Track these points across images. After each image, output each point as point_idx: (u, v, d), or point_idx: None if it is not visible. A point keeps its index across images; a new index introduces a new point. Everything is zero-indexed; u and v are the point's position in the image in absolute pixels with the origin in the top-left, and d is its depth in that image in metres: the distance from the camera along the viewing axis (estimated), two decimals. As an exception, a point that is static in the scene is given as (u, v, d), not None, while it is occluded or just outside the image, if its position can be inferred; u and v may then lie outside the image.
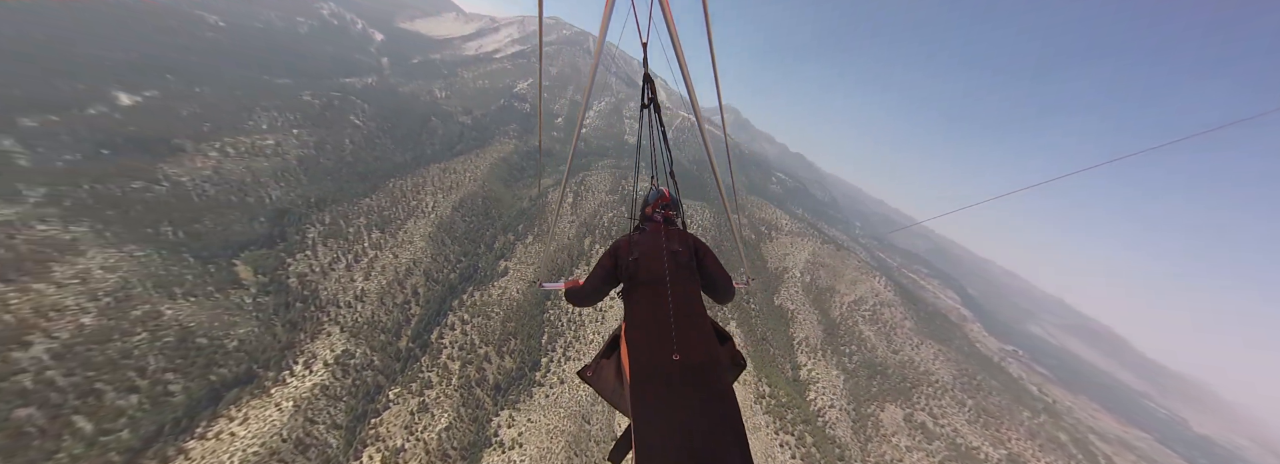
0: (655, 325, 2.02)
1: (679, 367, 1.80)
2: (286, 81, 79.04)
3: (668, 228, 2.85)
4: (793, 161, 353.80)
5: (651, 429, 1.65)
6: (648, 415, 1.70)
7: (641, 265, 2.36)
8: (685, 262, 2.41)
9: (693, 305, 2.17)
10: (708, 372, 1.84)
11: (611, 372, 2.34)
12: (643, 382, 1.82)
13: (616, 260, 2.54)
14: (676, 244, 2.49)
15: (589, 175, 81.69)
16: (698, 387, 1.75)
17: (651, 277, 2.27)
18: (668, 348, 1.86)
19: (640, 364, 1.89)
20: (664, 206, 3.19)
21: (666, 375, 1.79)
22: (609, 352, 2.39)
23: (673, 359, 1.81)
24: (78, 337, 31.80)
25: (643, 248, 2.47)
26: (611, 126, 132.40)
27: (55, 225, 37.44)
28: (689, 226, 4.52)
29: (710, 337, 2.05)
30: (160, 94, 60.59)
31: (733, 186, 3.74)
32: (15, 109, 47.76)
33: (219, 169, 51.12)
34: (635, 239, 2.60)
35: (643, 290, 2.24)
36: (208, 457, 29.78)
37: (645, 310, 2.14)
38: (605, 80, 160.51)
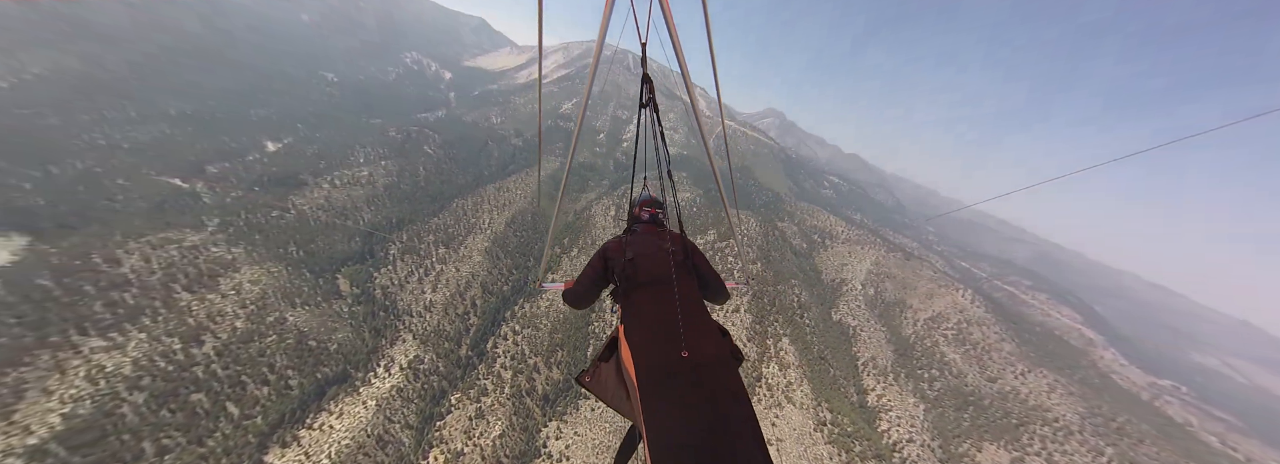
0: (661, 325, 1.96)
1: (689, 365, 1.75)
2: (378, 121, 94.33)
3: (660, 229, 2.85)
4: (848, 164, 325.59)
5: (665, 429, 1.59)
6: (660, 415, 1.63)
7: (639, 266, 2.34)
8: (681, 261, 2.43)
9: (696, 303, 2.16)
10: (717, 365, 1.79)
11: (612, 375, 2.26)
12: (653, 382, 1.75)
13: (607, 262, 2.51)
14: (671, 244, 2.50)
15: (627, 185, 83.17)
16: (711, 384, 1.70)
17: (653, 277, 2.26)
18: (676, 346, 1.81)
19: (648, 364, 1.82)
20: (651, 206, 3.16)
21: (677, 374, 1.73)
22: (607, 355, 2.33)
23: (682, 357, 1.76)
24: (232, 337, 39.80)
25: (637, 249, 2.46)
26: (650, 137, 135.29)
27: (223, 248, 48.02)
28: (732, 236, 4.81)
29: (716, 333, 2.02)
30: (294, 140, 76.13)
31: (732, 186, 3.62)
32: (205, 160, 63.32)
33: (328, 198, 61.82)
34: (628, 240, 2.60)
35: (643, 290, 2.23)
36: (313, 445, 34.57)
37: (648, 310, 2.10)
38: None
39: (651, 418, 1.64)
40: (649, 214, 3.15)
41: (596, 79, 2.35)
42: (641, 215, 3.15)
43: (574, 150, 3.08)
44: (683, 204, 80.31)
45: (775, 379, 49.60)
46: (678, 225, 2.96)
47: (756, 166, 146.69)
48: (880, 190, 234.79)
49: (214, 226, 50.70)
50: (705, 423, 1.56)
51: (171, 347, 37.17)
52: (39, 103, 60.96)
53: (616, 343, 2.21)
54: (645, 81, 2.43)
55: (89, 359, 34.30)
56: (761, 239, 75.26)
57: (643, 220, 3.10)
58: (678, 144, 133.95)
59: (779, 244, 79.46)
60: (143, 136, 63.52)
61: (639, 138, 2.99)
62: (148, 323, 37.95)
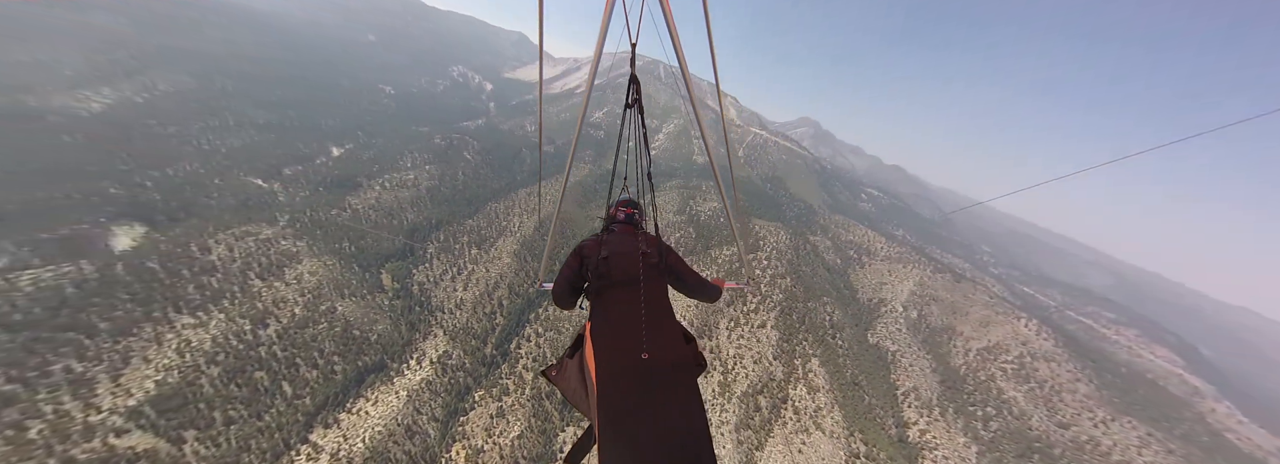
0: (625, 325, 1.96)
1: (648, 366, 1.75)
2: (425, 129, 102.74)
3: (636, 230, 2.85)
4: (888, 176, 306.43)
5: (617, 428, 1.59)
6: (614, 414, 1.63)
7: (613, 265, 2.33)
8: (654, 263, 2.42)
9: (662, 306, 2.14)
10: (678, 372, 1.79)
11: (575, 371, 2.24)
12: (611, 381, 1.75)
13: (582, 260, 2.51)
14: (646, 245, 2.50)
15: (657, 195, 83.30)
16: (667, 387, 1.71)
17: (625, 276, 2.24)
18: (637, 347, 1.81)
19: (608, 363, 1.82)
20: (627, 206, 3.16)
21: (635, 375, 1.73)
22: (574, 351, 2.31)
23: (642, 359, 1.76)
24: (291, 322, 44.24)
25: (613, 248, 2.46)
26: (680, 147, 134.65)
27: (290, 241, 53.95)
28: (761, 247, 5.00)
29: (679, 337, 2.01)
30: (353, 146, 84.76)
31: (733, 186, 3.58)
32: (282, 163, 72.04)
33: (379, 199, 67.75)
34: (604, 239, 2.59)
35: (614, 290, 2.22)
36: (350, 428, 37.16)
37: (615, 310, 2.11)
38: (674, 102, 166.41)
39: (606, 418, 1.63)
40: (624, 214, 3.14)
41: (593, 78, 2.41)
42: (618, 215, 3.15)
43: (574, 149, 3.11)
44: (708, 214, 79.13)
45: (803, 403, 46.57)
46: (654, 227, 2.97)
47: (788, 177, 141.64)
48: (926, 204, 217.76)
49: (284, 222, 57.25)
50: (656, 426, 1.56)
51: (243, 327, 42.02)
52: (162, 115, 73.01)
53: (582, 340, 2.19)
54: (633, 82, 2.44)
55: (180, 334, 39.60)
56: (792, 253, 72.08)
57: (619, 220, 3.08)
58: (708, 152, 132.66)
59: (810, 258, 75.71)
60: (236, 143, 73.69)
61: (621, 138, 2.96)
62: (227, 305, 43.27)
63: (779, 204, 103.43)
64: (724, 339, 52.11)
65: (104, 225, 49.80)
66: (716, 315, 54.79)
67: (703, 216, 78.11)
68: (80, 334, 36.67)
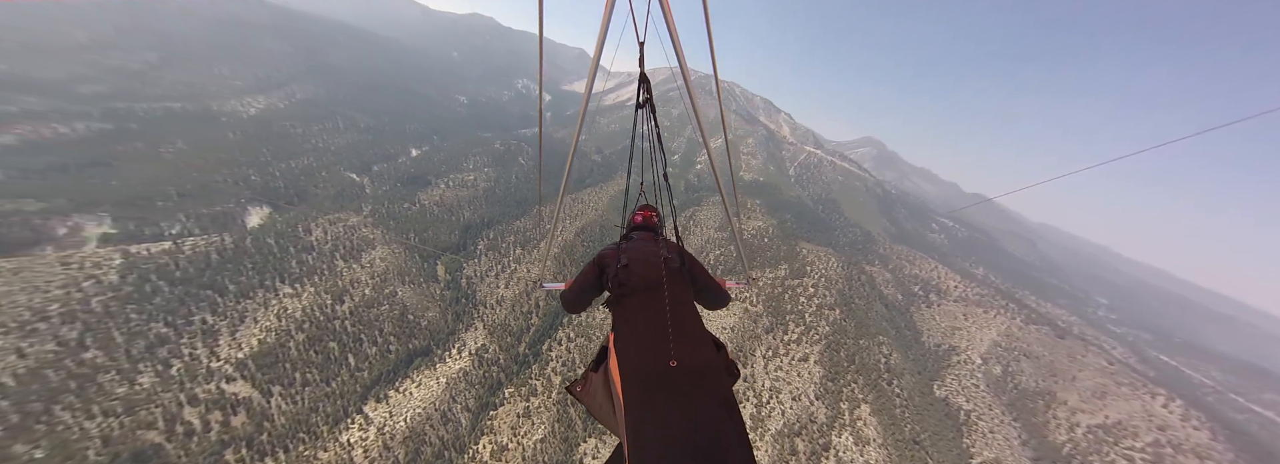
0: (650, 332, 1.91)
1: (677, 373, 1.70)
2: (488, 135, 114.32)
3: (656, 237, 2.85)
4: (968, 205, 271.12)
5: (648, 438, 1.53)
6: (643, 423, 1.59)
7: (633, 272, 2.29)
8: (676, 268, 2.38)
9: (688, 312, 2.10)
10: (708, 377, 1.74)
11: (600, 385, 2.18)
12: (638, 389, 1.71)
13: (602, 269, 2.48)
14: (666, 252, 2.46)
15: (699, 211, 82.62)
16: (698, 393, 1.65)
17: (646, 284, 2.20)
18: (664, 354, 1.76)
19: (635, 372, 1.78)
20: (646, 210, 3.12)
21: (664, 382, 1.68)
22: (598, 364, 2.26)
23: (670, 365, 1.72)
24: (361, 301, 50.83)
25: (632, 255, 2.43)
26: (726, 164, 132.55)
27: (369, 229, 62.64)
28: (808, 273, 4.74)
29: (707, 343, 1.97)
30: (429, 148, 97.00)
31: (733, 188, 3.33)
32: (372, 161, 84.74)
33: (443, 196, 76.12)
34: (623, 247, 2.55)
35: (635, 298, 2.18)
36: (396, 406, 41.02)
37: (639, 317, 2.05)
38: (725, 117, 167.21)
39: (635, 429, 1.57)
40: (643, 219, 3.09)
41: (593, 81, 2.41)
42: (636, 221, 3.10)
43: (575, 148, 3.07)
44: (753, 234, 76.12)
45: (849, 455, 41.43)
46: (674, 233, 2.90)
47: (844, 200, 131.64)
48: (1018, 242, 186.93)
49: (366, 212, 66.78)
50: (692, 436, 1.48)
51: (325, 301, 49.19)
52: (295, 117, 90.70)
53: (606, 352, 2.15)
54: (643, 81, 2.41)
55: (280, 302, 47.55)
56: (843, 282, 66.16)
57: (637, 226, 3.05)
58: (755, 170, 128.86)
59: (865, 290, 68.61)
60: (341, 142, 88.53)
61: (634, 137, 2.86)
62: (316, 280, 51.16)
63: (831, 228, 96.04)
64: (760, 369, 48.80)
65: (243, 205, 62.62)
66: (753, 342, 51.73)
67: (746, 235, 75.32)
68: (215, 293, 45.86)
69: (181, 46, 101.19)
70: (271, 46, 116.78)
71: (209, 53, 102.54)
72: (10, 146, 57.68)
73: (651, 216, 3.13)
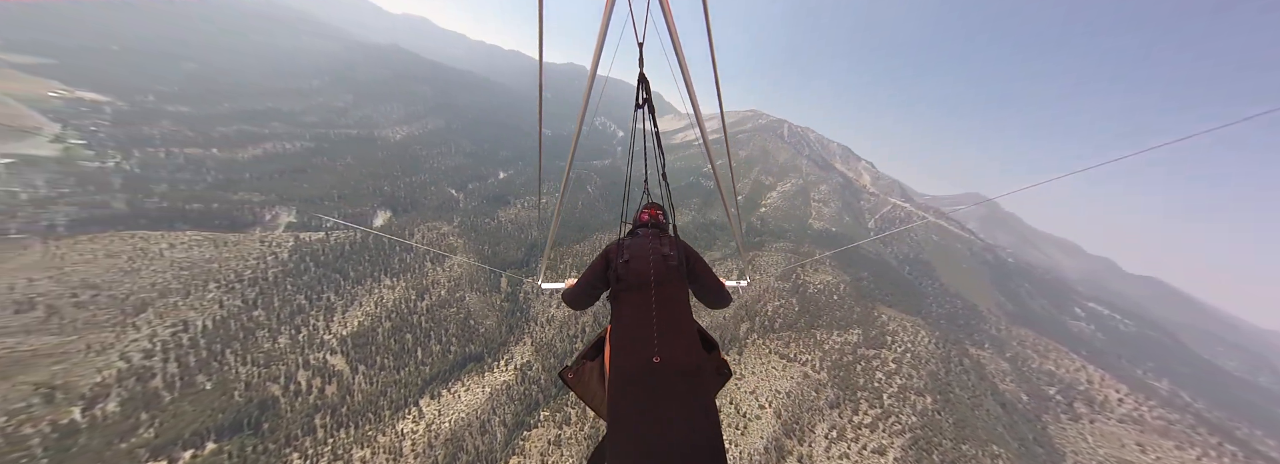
0: (639, 328, 2.02)
1: (659, 370, 1.78)
2: (562, 163, 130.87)
3: (660, 233, 2.88)
4: (1137, 290, 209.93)
5: (625, 431, 1.64)
6: (623, 417, 1.69)
7: (632, 268, 2.37)
8: (674, 266, 2.43)
9: (678, 309, 2.17)
10: (690, 377, 1.81)
11: (594, 374, 2.32)
12: (621, 384, 1.81)
13: (607, 263, 2.55)
14: (667, 248, 2.53)
15: (760, 256, 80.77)
16: (678, 392, 1.72)
17: (639, 280, 2.28)
18: (648, 351, 1.86)
19: (621, 366, 1.88)
20: (651, 208, 3.24)
21: (646, 378, 1.78)
22: (594, 354, 2.40)
23: (653, 362, 1.81)
24: (435, 301, 59.50)
25: (634, 251, 2.49)
26: (795, 209, 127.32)
27: (455, 237, 74.63)
28: (888, 344, 3.85)
29: (695, 342, 2.04)
30: (513, 172, 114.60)
31: (733, 188, 3.58)
32: (468, 179, 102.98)
33: (516, 216, 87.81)
34: (626, 243, 2.63)
35: (629, 293, 2.26)
36: (444, 407, 45.42)
37: (630, 313, 2.15)
38: (795, 161, 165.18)
39: (615, 421, 1.68)
40: (649, 216, 3.15)
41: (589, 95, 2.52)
42: (643, 218, 3.17)
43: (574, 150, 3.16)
44: (819, 288, 71.18)
45: None
46: (673, 229, 3.00)
47: (940, 263, 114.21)
48: (1229, 351, 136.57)
49: (456, 223, 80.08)
50: (663, 432, 1.57)
51: (410, 296, 58.79)
52: (423, 143, 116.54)
53: (603, 343, 2.29)
54: (641, 82, 2.48)
55: (380, 292, 58.34)
56: (937, 363, 56.54)
57: (643, 223, 3.11)
58: (827, 219, 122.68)
59: (969, 379, 56.83)
60: (449, 163, 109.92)
61: (631, 138, 2.99)
62: (408, 277, 61.90)
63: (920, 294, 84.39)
64: (820, 450, 42.59)
65: (374, 209, 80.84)
66: (813, 415, 45.98)
67: (811, 289, 70.14)
68: (340, 277, 58.48)
69: (367, 90, 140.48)
70: (420, 90, 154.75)
71: (382, 94, 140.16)
72: (257, 156, 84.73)
73: (657, 214, 3.21)
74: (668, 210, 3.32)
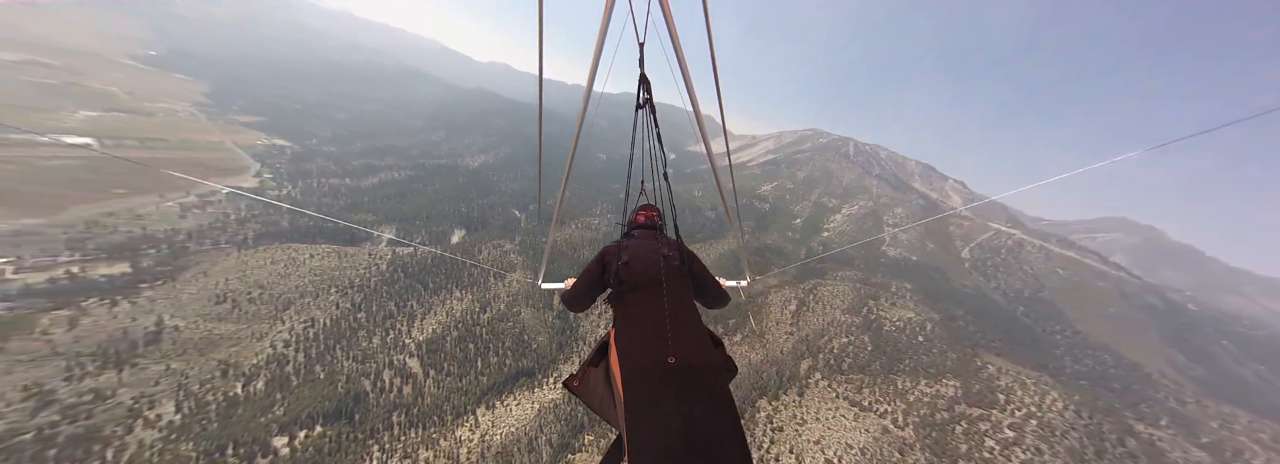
0: (649, 328, 2.03)
1: (676, 369, 1.79)
2: (617, 186, 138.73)
3: (657, 234, 2.92)
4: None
5: (646, 432, 1.64)
6: (642, 418, 1.69)
7: (633, 269, 2.38)
8: (676, 266, 2.45)
9: (687, 308, 2.20)
10: (705, 374, 1.84)
11: (600, 380, 2.31)
12: (637, 385, 1.81)
13: (604, 265, 2.57)
14: (667, 249, 2.54)
15: (822, 285, 74.24)
16: (695, 389, 1.73)
17: (645, 280, 2.30)
18: (662, 350, 1.87)
19: (633, 367, 1.89)
20: (647, 210, 3.25)
21: (662, 378, 1.78)
22: (597, 360, 2.39)
23: (669, 362, 1.81)
24: (495, 315, 65.63)
25: (633, 252, 2.51)
26: (864, 232, 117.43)
27: (516, 255, 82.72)
28: (999, 405, 3.52)
29: (705, 340, 2.07)
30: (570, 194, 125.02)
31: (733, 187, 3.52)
32: (531, 201, 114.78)
33: (572, 235, 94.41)
34: (624, 244, 2.65)
35: (635, 294, 2.28)
36: (495, 420, 48.62)
37: (638, 313, 2.16)
38: (863, 182, 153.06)
39: (634, 422, 1.69)
40: (645, 218, 3.21)
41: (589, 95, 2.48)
42: (638, 220, 3.22)
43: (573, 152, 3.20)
44: (897, 325, 62.18)
45: None
46: (675, 231, 3.02)
47: (1073, 305, 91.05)
48: None
49: (516, 241, 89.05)
50: (688, 430, 1.58)
51: (475, 309, 65.86)
52: (495, 169, 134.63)
53: (607, 348, 2.29)
54: (642, 82, 2.49)
55: (452, 303, 66.52)
56: (1082, 438, 43.88)
57: (639, 225, 3.16)
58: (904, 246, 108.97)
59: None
60: (516, 187, 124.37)
61: (634, 140, 3.02)
62: (475, 290, 69.76)
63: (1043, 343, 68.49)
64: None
65: (451, 228, 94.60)
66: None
67: (888, 327, 61.37)
68: (421, 286, 68.49)
69: (457, 126, 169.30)
70: (497, 123, 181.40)
71: (467, 129, 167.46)
72: (374, 184, 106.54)
73: (653, 216, 3.27)
74: (666, 212, 3.34)
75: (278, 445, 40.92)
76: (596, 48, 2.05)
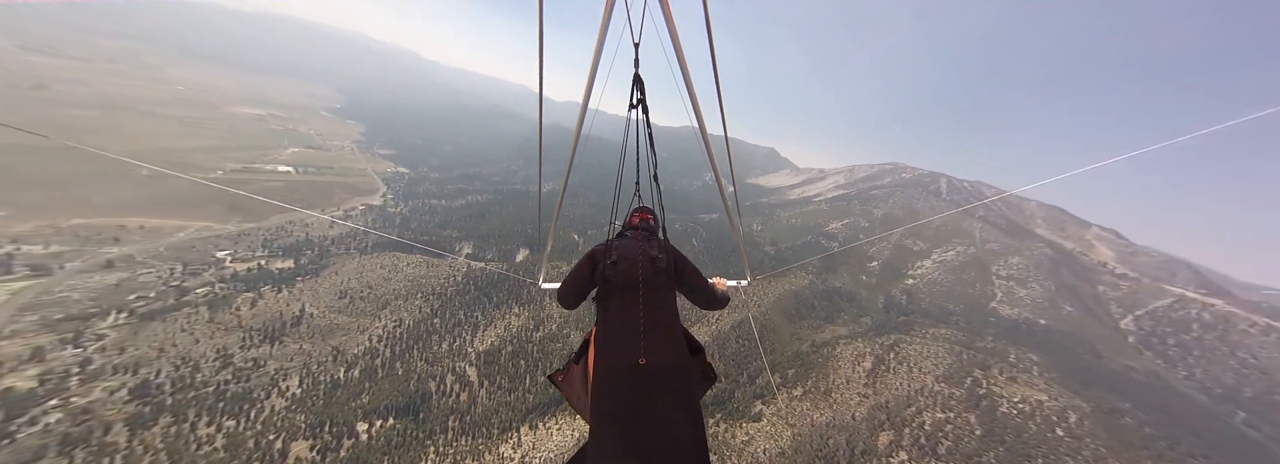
0: (625, 329, 2.09)
1: (645, 371, 1.84)
2: (673, 215, 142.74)
3: (649, 236, 2.95)
4: None
5: (609, 429, 1.70)
6: (606, 416, 1.75)
7: (618, 269, 2.42)
8: (663, 268, 2.46)
9: (665, 311, 2.23)
10: (675, 378, 1.88)
11: (579, 377, 2.38)
12: (605, 384, 1.88)
13: (593, 264, 2.60)
14: (656, 251, 2.56)
15: (907, 343, 64.57)
16: (662, 392, 1.78)
17: (626, 281, 2.34)
18: (635, 352, 1.93)
19: (604, 366, 1.96)
20: (642, 212, 3.25)
21: (630, 379, 1.83)
22: (579, 356, 2.46)
23: (639, 363, 1.86)
24: (547, 333, 69.72)
25: (621, 253, 2.54)
26: (964, 284, 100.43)
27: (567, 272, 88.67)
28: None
29: (680, 344, 2.12)
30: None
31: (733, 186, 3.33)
32: (589, 226, 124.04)
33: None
34: (614, 244, 2.68)
35: (618, 295, 2.31)
36: (536, 442, 50.04)
37: (616, 314, 2.21)
38: (962, 225, 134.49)
39: (597, 421, 1.75)
40: (639, 219, 3.30)
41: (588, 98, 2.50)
42: (633, 221, 3.31)
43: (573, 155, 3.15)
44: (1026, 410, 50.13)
45: None
46: (662, 232, 3.07)
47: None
48: None
49: (570, 262, 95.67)
50: (649, 433, 1.62)
51: (529, 326, 71.03)
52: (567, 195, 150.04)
53: (588, 345, 2.35)
54: (637, 82, 2.50)
55: (510, 318, 72.96)
56: None
57: (634, 226, 3.24)
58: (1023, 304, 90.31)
59: None
60: (578, 212, 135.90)
61: (625, 140, 3.01)
62: (532, 308, 75.70)
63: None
64: None
65: (517, 247, 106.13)
66: None
67: (1005, 408, 49.33)
68: (486, 299, 76.80)
69: (531, 157, 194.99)
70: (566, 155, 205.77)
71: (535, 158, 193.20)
72: (461, 205, 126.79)
73: (649, 219, 3.37)
74: (658, 213, 3.47)
75: (360, 430, 47.74)
76: (596, 48, 2.09)
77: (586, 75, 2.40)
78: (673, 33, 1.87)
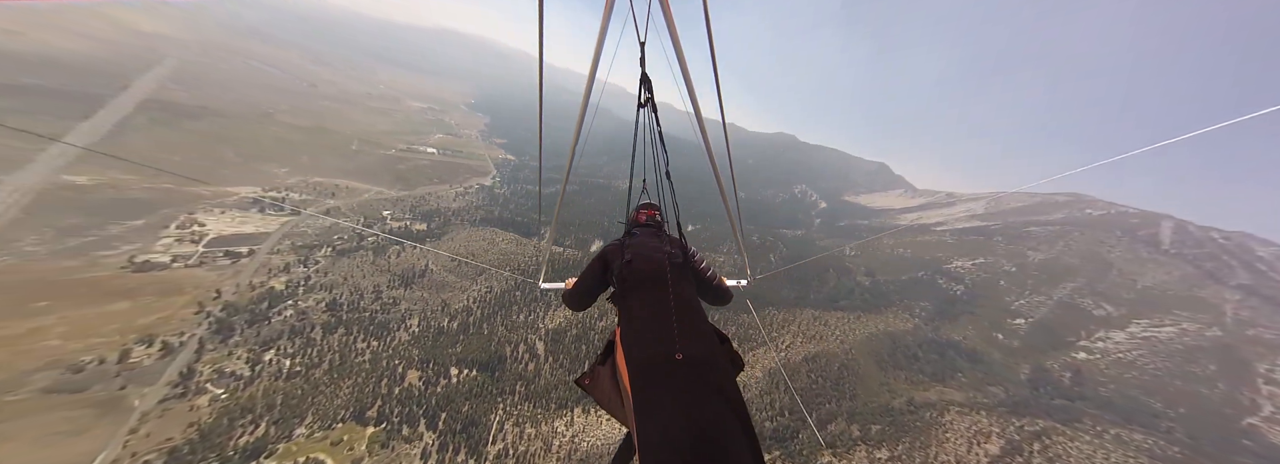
0: (655, 324, 2.09)
1: (683, 365, 1.85)
2: (752, 227, 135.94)
3: (658, 232, 3.05)
4: None
5: (655, 428, 1.68)
6: (650, 416, 1.72)
7: (637, 268, 2.47)
8: (680, 263, 2.57)
9: (691, 304, 2.29)
10: (711, 368, 1.89)
11: (607, 378, 2.35)
12: (644, 381, 1.87)
13: (607, 264, 2.67)
14: (670, 247, 2.67)
15: (1060, 435, 50.86)
16: (702, 384, 1.79)
17: (649, 278, 2.39)
18: (668, 346, 1.93)
19: (639, 364, 1.94)
20: (649, 209, 3.36)
21: (668, 374, 1.83)
22: (604, 358, 2.45)
23: (675, 358, 1.86)
24: (608, 324, 73.21)
25: (636, 251, 2.61)
26: (1191, 379, 73.56)
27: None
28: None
29: (710, 335, 2.13)
30: (700, 227, 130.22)
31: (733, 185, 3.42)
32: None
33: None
34: (627, 243, 2.76)
35: (640, 292, 2.35)
36: (589, 424, 53.22)
37: (643, 311, 2.23)
38: (1192, 290, 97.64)
39: (643, 419, 1.72)
40: (647, 217, 3.33)
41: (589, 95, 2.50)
42: (640, 218, 3.32)
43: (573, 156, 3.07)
44: None
45: None
46: (677, 229, 3.06)
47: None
48: None
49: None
50: (697, 425, 1.61)
51: (593, 313, 75.58)
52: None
53: (613, 346, 2.33)
54: (644, 81, 2.51)
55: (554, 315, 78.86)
56: None
57: (641, 224, 3.28)
58: None
59: None
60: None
61: (636, 137, 2.93)
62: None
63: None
64: None
65: (592, 237, 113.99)
66: None
67: None
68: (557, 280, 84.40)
69: (615, 153, 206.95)
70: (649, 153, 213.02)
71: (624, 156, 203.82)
72: (550, 192, 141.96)
73: (655, 215, 3.45)
74: (667, 210, 3.57)
75: (453, 373, 57.80)
76: (597, 48, 2.10)
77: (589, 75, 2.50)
78: (672, 31, 1.93)
